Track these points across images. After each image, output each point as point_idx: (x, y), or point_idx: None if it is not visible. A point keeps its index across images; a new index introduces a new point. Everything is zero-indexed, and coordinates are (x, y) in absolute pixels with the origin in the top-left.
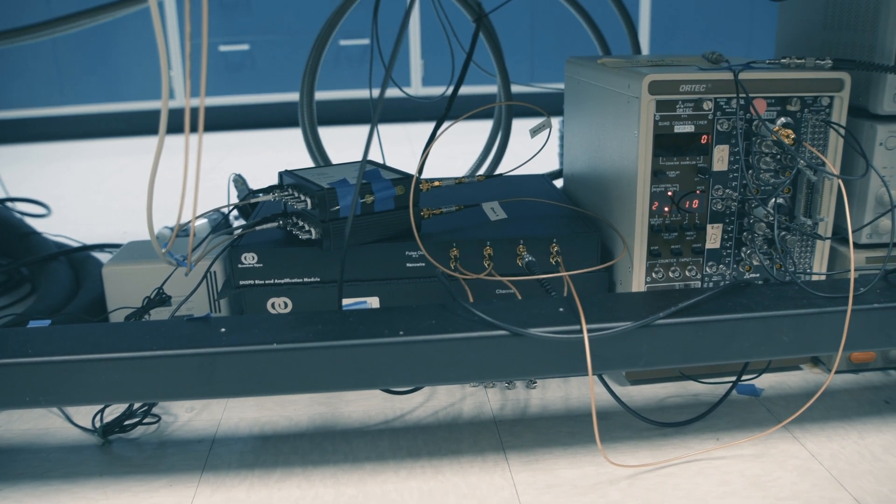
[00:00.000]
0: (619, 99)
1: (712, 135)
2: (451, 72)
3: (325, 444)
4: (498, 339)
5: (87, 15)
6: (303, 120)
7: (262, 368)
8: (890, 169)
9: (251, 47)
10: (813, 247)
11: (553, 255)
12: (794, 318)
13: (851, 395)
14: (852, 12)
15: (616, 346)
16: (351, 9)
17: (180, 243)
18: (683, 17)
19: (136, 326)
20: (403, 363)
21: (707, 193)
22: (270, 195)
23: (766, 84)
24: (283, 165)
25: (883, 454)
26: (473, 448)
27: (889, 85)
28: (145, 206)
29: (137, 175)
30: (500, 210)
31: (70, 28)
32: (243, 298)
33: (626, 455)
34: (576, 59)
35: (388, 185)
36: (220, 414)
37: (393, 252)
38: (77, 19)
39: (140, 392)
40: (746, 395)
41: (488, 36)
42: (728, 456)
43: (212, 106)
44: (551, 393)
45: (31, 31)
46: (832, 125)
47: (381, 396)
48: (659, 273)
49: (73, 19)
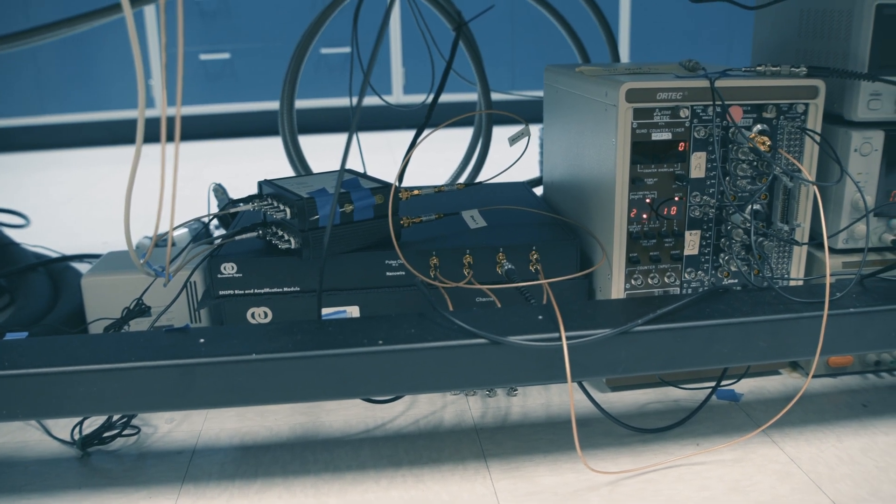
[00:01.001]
0: (596, 107)
1: (689, 142)
2: (431, 80)
3: (306, 454)
4: (477, 347)
5: (66, 24)
6: (283, 129)
7: (242, 379)
8: (865, 175)
9: (231, 56)
10: (790, 252)
11: (533, 262)
12: (771, 324)
13: (830, 398)
14: (826, 21)
15: (595, 353)
16: (331, 18)
17: (160, 253)
18: (663, 24)
19: (115, 338)
20: (383, 372)
21: (685, 200)
22: (250, 205)
23: (741, 91)
24: (264, 174)
25: (861, 457)
26: (454, 456)
27: (863, 92)
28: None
29: (118, 185)
30: (479, 218)
31: (48, 37)
32: (223, 308)
33: (607, 461)
34: (554, 68)
35: (367, 195)
36: (201, 425)
37: (372, 261)
38: (55, 28)
39: (119, 404)
40: (726, 400)
41: (468, 44)
42: (708, 461)
43: (192, 115)
44: (532, 400)
45: (8, 41)
46: (807, 132)
47: (362, 405)
48: (638, 280)
49: (52, 29)
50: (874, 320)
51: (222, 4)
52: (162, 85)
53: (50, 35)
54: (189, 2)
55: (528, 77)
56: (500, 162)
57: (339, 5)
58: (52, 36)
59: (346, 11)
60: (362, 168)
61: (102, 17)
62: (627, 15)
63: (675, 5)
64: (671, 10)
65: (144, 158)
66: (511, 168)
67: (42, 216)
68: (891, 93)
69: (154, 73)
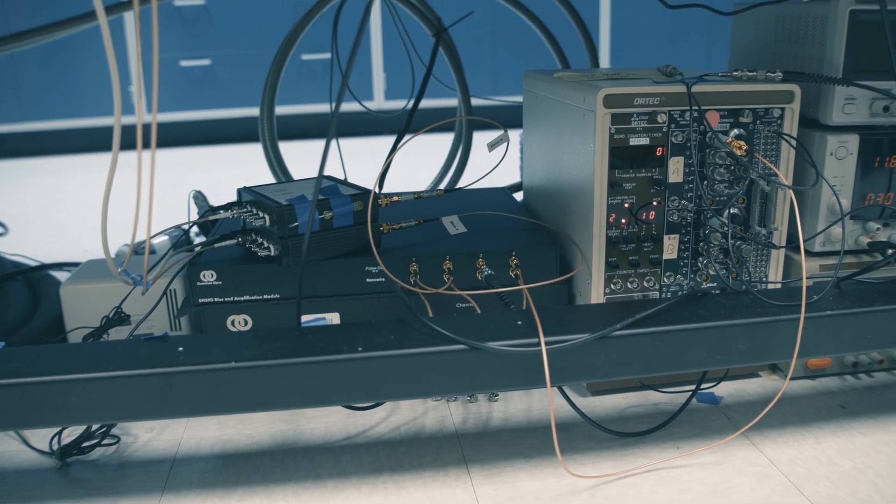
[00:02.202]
0: (575, 112)
1: (667, 147)
2: (412, 86)
3: (287, 462)
4: (457, 353)
5: (44, 31)
6: (263, 135)
7: (221, 387)
8: (840, 178)
9: (212, 62)
10: (768, 256)
11: (512, 267)
12: (749, 327)
13: (808, 400)
14: (801, 26)
15: (574, 358)
16: (310, 24)
17: (140, 262)
18: (643, 30)
19: (93, 347)
20: (363, 379)
21: (663, 205)
22: (229, 212)
23: (718, 96)
24: (245, 180)
25: (839, 458)
26: (436, 462)
27: (838, 96)
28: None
29: (98, 192)
30: (459, 224)
31: (26, 44)
32: (202, 316)
33: (588, 466)
34: (533, 73)
35: (346, 201)
36: (181, 433)
37: (352, 267)
38: (33, 35)
39: (97, 414)
40: (706, 403)
41: (448, 50)
42: (688, 464)
43: (173, 121)
44: (513, 405)
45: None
46: (783, 136)
47: (343, 412)
48: (617, 284)
49: (30, 35)
50: (850, 322)
51: (203, 11)
52: (138, 92)
53: (28, 42)
54: (170, 8)
55: (510, 82)
56: (481, 167)
57: (318, 11)
58: (30, 43)
59: (327, 17)
60: (343, 174)
61: (80, 24)
62: (608, 20)
63: (655, 11)
64: (651, 15)
65: (125, 165)
66: (493, 173)
67: (20, 224)
68: (865, 97)
69: (134, 79)
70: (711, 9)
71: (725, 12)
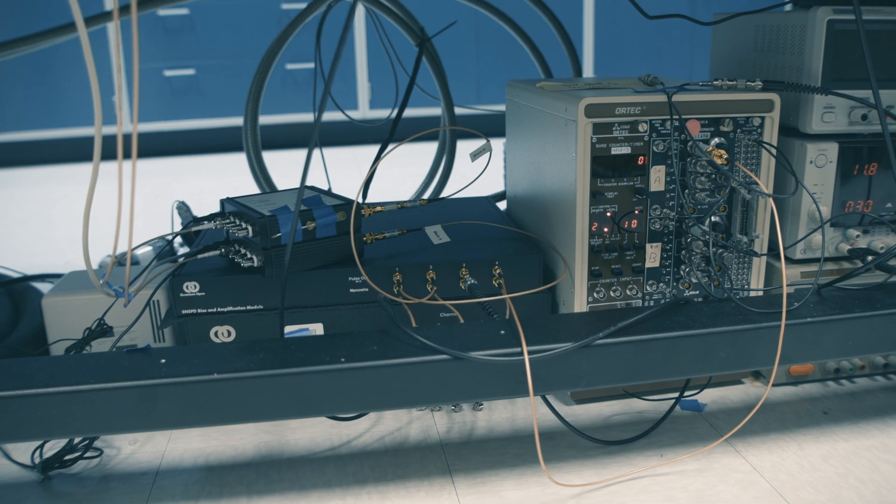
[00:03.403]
0: (557, 122)
1: (648, 156)
2: (395, 95)
3: (271, 473)
4: (439, 363)
5: (26, 42)
6: (247, 145)
7: (204, 399)
8: (820, 186)
9: (197, 72)
10: (750, 263)
11: (496, 277)
12: (731, 335)
13: (791, 406)
14: (781, 36)
15: (557, 367)
16: (294, 34)
17: (123, 273)
18: (627, 40)
19: (75, 359)
20: (345, 390)
21: (645, 213)
22: (212, 223)
23: (699, 105)
24: (230, 191)
25: (821, 464)
26: (420, 472)
27: (817, 105)
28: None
29: (81, 202)
30: (442, 234)
31: (7, 55)
32: (186, 328)
33: (572, 474)
34: (515, 83)
35: (329, 212)
36: (165, 445)
37: (336, 278)
38: (14, 46)
39: (79, 426)
40: (690, 410)
41: (431, 60)
42: (672, 472)
43: (157, 131)
44: (498, 414)
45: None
46: (764, 145)
47: (327, 423)
48: (600, 293)
49: (11, 46)
50: (831, 329)
51: (187, 21)
52: (118, 103)
53: (9, 52)
54: (153, 18)
55: (494, 91)
56: (466, 176)
57: (302, 21)
58: (11, 53)
59: (311, 27)
60: (327, 183)
61: (62, 34)
62: (591, 30)
63: (639, 20)
64: (634, 24)
65: (109, 176)
66: (478, 182)
67: (2, 235)
68: (844, 105)
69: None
70: (691, 19)
71: (705, 22)
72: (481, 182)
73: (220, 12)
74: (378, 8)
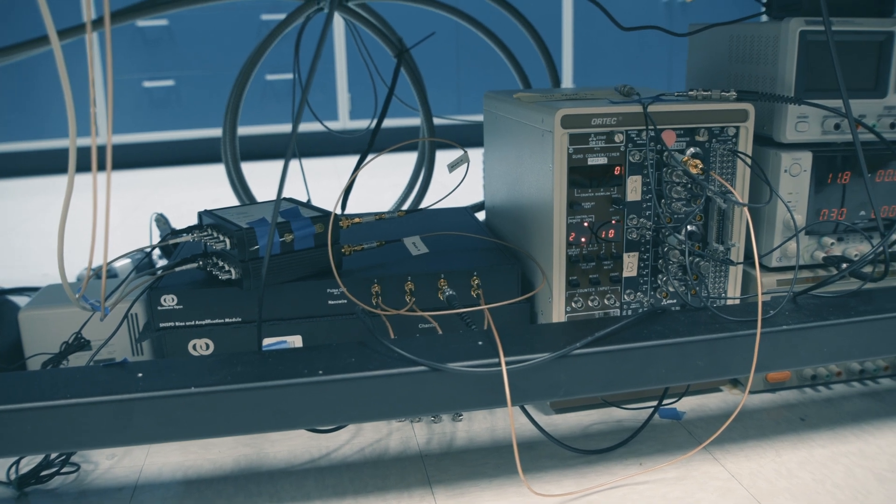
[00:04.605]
0: (533, 133)
1: (625, 166)
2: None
3: (251, 487)
4: (417, 375)
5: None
6: (226, 156)
7: (181, 413)
8: (795, 194)
9: (176, 83)
10: (727, 272)
11: (474, 287)
12: (707, 343)
13: (769, 413)
14: (755, 46)
15: (534, 377)
16: (273, 44)
17: (100, 286)
18: (605, 49)
19: (51, 374)
20: (323, 403)
21: (622, 223)
22: (190, 236)
23: (674, 116)
24: (210, 202)
25: (799, 471)
26: (400, 484)
27: (791, 114)
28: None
29: (59, 215)
30: (421, 245)
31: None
32: (164, 341)
33: (552, 484)
34: (493, 94)
35: (307, 224)
36: (143, 460)
37: (314, 290)
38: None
39: (56, 442)
40: (668, 418)
41: (410, 71)
42: (651, 480)
43: (137, 142)
44: (477, 425)
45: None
46: (738, 154)
47: (307, 435)
48: (578, 303)
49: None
50: (807, 336)
51: (166, 31)
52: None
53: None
54: (132, 29)
55: (475, 100)
56: (447, 185)
57: (281, 32)
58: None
59: (291, 38)
60: (306, 194)
61: (36, 47)
62: (570, 40)
63: (617, 31)
64: (613, 35)
65: (88, 188)
66: (458, 192)
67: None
68: (817, 115)
69: (97, 101)
70: (666, 30)
71: (680, 34)
72: (463, 192)
73: (199, 23)
74: (356, 19)
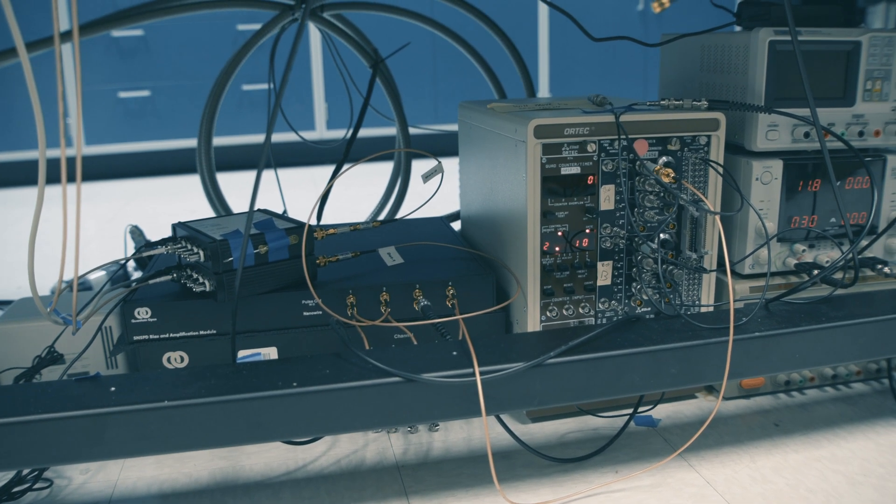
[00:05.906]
0: (507, 143)
1: (598, 175)
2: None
3: (227, 500)
4: (392, 385)
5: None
6: (201, 167)
7: (154, 427)
8: (766, 202)
9: (152, 93)
10: (700, 279)
11: (449, 297)
12: (680, 351)
13: (743, 419)
14: (725, 56)
15: (509, 386)
16: (249, 54)
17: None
18: (581, 59)
19: (23, 389)
20: (298, 414)
21: (596, 232)
22: (163, 248)
23: (646, 125)
24: (186, 213)
25: (773, 476)
26: (376, 495)
27: (761, 123)
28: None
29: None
30: (396, 255)
31: None
32: (138, 354)
33: (528, 493)
34: (467, 104)
35: (281, 235)
36: (117, 474)
37: (289, 301)
38: None
39: (28, 457)
40: (644, 426)
41: (385, 81)
42: (627, 488)
43: (112, 153)
44: (454, 435)
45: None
46: (710, 163)
47: (283, 447)
48: (553, 311)
49: None
50: (779, 343)
51: (141, 42)
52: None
53: None
54: (107, 39)
55: (451, 110)
56: (423, 195)
57: (257, 42)
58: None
59: (267, 48)
60: (282, 205)
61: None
62: (546, 50)
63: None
64: (588, 45)
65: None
66: (435, 201)
67: None
68: (787, 123)
69: (71, 111)
70: (637, 41)
71: (652, 44)
72: (440, 201)
73: (175, 33)
74: (331, 29)
